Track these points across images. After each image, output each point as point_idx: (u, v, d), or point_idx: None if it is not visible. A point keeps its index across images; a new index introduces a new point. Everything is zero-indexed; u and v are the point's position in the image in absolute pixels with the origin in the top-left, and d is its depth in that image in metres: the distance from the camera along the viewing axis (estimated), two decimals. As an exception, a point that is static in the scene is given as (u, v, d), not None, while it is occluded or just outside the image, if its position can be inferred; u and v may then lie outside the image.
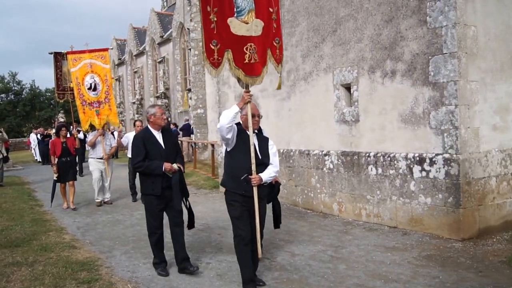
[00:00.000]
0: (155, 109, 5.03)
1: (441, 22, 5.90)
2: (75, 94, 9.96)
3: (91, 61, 9.91)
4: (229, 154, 4.39)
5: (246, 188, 4.27)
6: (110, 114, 9.91)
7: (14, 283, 4.73)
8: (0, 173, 13.22)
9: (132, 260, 5.52)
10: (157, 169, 4.78)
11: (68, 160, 9.16)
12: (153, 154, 4.86)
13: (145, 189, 4.94)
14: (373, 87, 6.93)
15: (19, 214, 8.59)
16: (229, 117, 4.11)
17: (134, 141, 4.96)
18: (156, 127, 5.02)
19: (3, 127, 20.78)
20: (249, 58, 4.34)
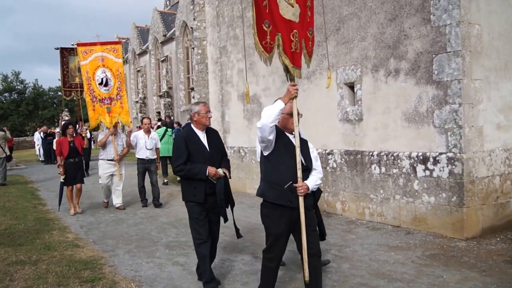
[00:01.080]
0: (199, 107, 4.53)
1: (445, 20, 5.87)
2: (84, 89, 9.23)
3: (103, 54, 9.19)
4: (267, 160, 3.78)
5: (291, 198, 3.65)
6: (122, 112, 9.21)
7: (17, 281, 4.75)
8: (4, 172, 13.26)
9: (135, 259, 5.53)
10: (200, 174, 4.30)
11: (76, 161, 8.46)
12: (196, 156, 4.37)
13: (187, 195, 4.49)
14: (376, 85, 6.91)
15: (23, 213, 8.61)
16: (273, 114, 3.56)
17: (175, 142, 4.59)
18: (200, 127, 4.53)
19: (7, 126, 20.80)
20: (295, 46, 3.80)
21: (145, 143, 9.07)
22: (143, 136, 9.12)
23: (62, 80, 14.13)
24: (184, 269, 5.08)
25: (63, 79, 14.01)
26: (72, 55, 14.29)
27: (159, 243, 6.23)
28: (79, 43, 9.42)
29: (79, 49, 9.32)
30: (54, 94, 53.65)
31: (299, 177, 3.64)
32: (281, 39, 3.70)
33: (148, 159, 9.10)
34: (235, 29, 10.34)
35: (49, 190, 12.16)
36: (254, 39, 3.62)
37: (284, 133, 3.84)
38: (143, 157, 9.08)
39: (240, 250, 5.76)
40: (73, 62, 14.28)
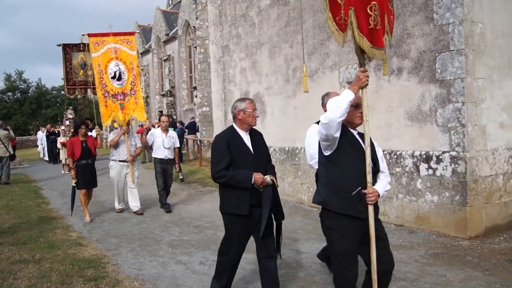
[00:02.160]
0: (245, 104, 3.93)
1: (448, 19, 5.86)
2: (96, 83, 8.52)
3: (116, 46, 8.49)
4: (330, 161, 3.19)
5: (360, 207, 3.10)
6: (136, 109, 8.52)
7: (21, 280, 4.76)
8: (7, 171, 13.30)
9: (138, 257, 5.54)
10: (244, 181, 3.71)
11: (89, 162, 7.77)
12: (239, 161, 3.78)
13: (227, 206, 3.86)
14: (379, 84, 6.90)
15: (26, 212, 8.63)
16: (341, 107, 2.94)
17: (215, 144, 3.93)
18: (244, 127, 3.92)
19: (10, 125, 20.85)
20: (374, 22, 3.11)
21: (163, 142, 8.46)
22: (160, 135, 8.52)
23: (65, 77, 13.78)
24: (187, 268, 5.08)
25: (66, 77, 13.65)
26: (75, 51, 13.94)
27: (162, 242, 6.24)
28: (90, 34, 8.66)
29: (91, 40, 8.56)
30: (57, 93, 53.78)
31: (368, 182, 3.10)
32: (354, 14, 3.04)
33: (167, 159, 8.50)
34: (238, 28, 10.34)
35: (52, 189, 12.20)
36: (326, 14, 3.05)
37: (348, 129, 3.24)
38: (161, 157, 8.48)
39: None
40: (76, 58, 13.95)
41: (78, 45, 14.07)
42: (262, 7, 9.46)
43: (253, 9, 9.76)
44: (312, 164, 4.37)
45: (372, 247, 3.08)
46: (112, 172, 8.18)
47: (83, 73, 13.92)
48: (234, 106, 3.97)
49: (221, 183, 3.84)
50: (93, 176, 7.89)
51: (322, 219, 3.32)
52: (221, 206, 3.94)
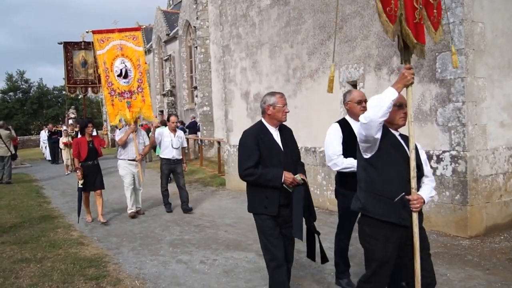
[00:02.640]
0: (275, 98, 3.67)
1: (448, 18, 5.86)
2: (102, 82, 8.28)
3: (121, 43, 8.17)
4: (370, 164, 3.00)
5: (403, 214, 2.92)
6: (143, 107, 8.24)
7: (23, 279, 4.78)
8: (9, 171, 13.34)
9: (139, 256, 5.56)
10: (274, 180, 3.49)
11: (95, 163, 7.54)
12: (268, 158, 3.57)
13: (255, 206, 3.68)
14: (379, 84, 6.91)
15: (28, 211, 8.66)
16: (383, 106, 2.76)
17: (243, 139, 3.68)
18: (274, 123, 3.70)
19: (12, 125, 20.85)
20: (419, 16, 2.94)
21: (171, 142, 8.24)
22: (168, 134, 8.30)
23: (66, 76, 13.55)
24: (188, 267, 5.10)
25: (67, 75, 13.42)
26: (76, 50, 13.61)
27: (163, 241, 6.26)
28: (95, 30, 8.35)
29: (95, 37, 8.25)
30: (58, 93, 53.89)
31: (413, 187, 2.91)
32: (404, 5, 2.87)
33: (175, 159, 8.27)
34: (238, 28, 10.36)
35: (53, 188, 12.23)
36: (377, 4, 2.86)
37: (389, 130, 3.07)
38: (169, 157, 8.25)
39: (244, 248, 5.78)
40: (77, 57, 13.67)
41: (79, 43, 13.82)
42: (262, 7, 9.47)
43: (253, 9, 9.78)
44: (331, 166, 4.16)
45: (416, 258, 2.91)
46: (121, 170, 7.99)
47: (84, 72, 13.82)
48: (264, 100, 3.73)
49: (249, 181, 3.62)
50: (100, 177, 7.61)
51: (361, 226, 3.10)
52: (249, 205, 3.76)
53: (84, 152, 7.34)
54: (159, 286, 4.54)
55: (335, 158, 4.09)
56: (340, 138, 4.16)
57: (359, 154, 3.09)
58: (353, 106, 4.15)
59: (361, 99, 4.13)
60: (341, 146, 4.11)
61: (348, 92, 4.28)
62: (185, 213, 8.07)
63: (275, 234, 3.62)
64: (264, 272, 4.80)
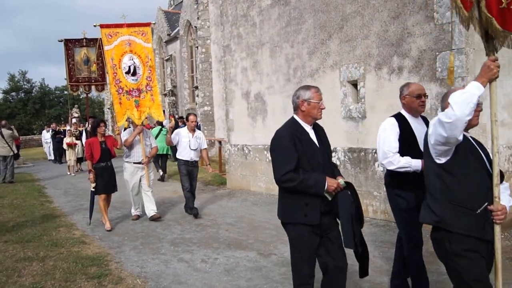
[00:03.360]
0: (310, 93, 3.28)
1: (449, 18, 5.88)
2: (109, 79, 7.86)
3: (130, 38, 7.76)
4: (446, 171, 2.65)
5: (487, 227, 2.62)
6: (152, 106, 7.81)
7: (25, 277, 4.82)
8: (11, 170, 13.40)
9: (141, 255, 5.59)
10: (316, 187, 3.05)
11: (109, 165, 7.20)
12: (307, 161, 3.12)
13: (292, 214, 3.20)
14: (380, 83, 6.93)
15: (30, 210, 8.70)
16: (470, 103, 2.43)
17: (278, 139, 3.22)
18: (308, 120, 3.31)
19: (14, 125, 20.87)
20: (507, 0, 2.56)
21: (189, 143, 7.79)
22: (186, 135, 7.84)
23: (67, 74, 13.22)
24: (189, 266, 5.13)
25: (68, 73, 13.02)
26: (77, 47, 13.29)
27: (164, 240, 6.29)
28: (103, 24, 7.86)
29: (103, 31, 7.79)
30: (60, 93, 54.04)
31: (495, 196, 2.59)
32: None
33: (192, 161, 7.87)
34: (239, 28, 10.38)
35: (55, 187, 12.28)
36: None
37: None
38: (187, 159, 7.83)
39: (245, 247, 5.80)
40: (79, 54, 13.47)
41: (81, 40, 13.49)
42: (263, 7, 9.50)
43: (254, 9, 9.80)
44: (385, 164, 3.73)
45: (499, 277, 2.68)
46: (126, 174, 7.59)
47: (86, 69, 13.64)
48: (297, 95, 3.30)
49: (288, 188, 3.12)
50: (113, 180, 7.27)
51: (440, 243, 2.74)
52: (283, 213, 3.28)
53: (97, 153, 7.00)
54: (160, 285, 4.57)
55: (391, 155, 3.67)
56: (396, 134, 3.73)
57: (429, 159, 2.73)
58: (412, 101, 3.80)
59: (421, 93, 3.78)
60: (397, 143, 3.70)
61: (406, 85, 3.84)
62: (195, 217, 7.71)
63: (311, 249, 3.20)
64: (264, 271, 4.85)
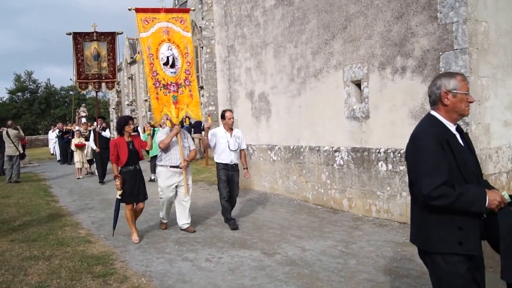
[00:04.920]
0: (455, 82, 2.56)
1: (452, 18, 5.89)
2: (146, 71, 6.89)
3: (168, 25, 6.89)
4: None
5: None
6: (190, 103, 6.94)
7: (31, 276, 4.87)
8: (17, 170, 13.50)
9: (146, 254, 5.64)
10: (478, 203, 2.38)
11: (137, 168, 6.34)
12: (460, 171, 2.45)
13: (442, 242, 2.46)
14: (383, 83, 6.95)
15: (36, 210, 8.78)
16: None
17: (423, 142, 2.47)
18: (453, 118, 2.59)
19: (20, 125, 20.98)
20: None
21: (228, 144, 6.88)
22: (224, 134, 6.94)
23: (76, 70, 12.03)
24: (194, 265, 5.17)
25: (77, 69, 11.94)
26: (87, 41, 12.28)
27: (169, 239, 6.33)
28: (138, 8, 6.89)
29: (138, 16, 6.81)
30: (65, 93, 54.34)
31: None
32: None
33: (232, 164, 6.94)
34: (243, 28, 10.42)
35: (61, 187, 12.37)
36: None
37: None
38: (226, 162, 6.90)
39: (249, 247, 5.84)
40: (88, 49, 12.30)
41: (91, 34, 12.45)
42: (266, 7, 9.52)
43: (258, 10, 9.83)
44: None
45: None
46: (160, 179, 6.72)
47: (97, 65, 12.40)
48: (438, 84, 2.60)
49: (441, 206, 2.40)
50: (142, 186, 6.37)
51: None
52: (428, 241, 2.51)
53: (124, 156, 6.14)
54: (165, 284, 4.61)
55: None
56: None
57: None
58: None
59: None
60: None
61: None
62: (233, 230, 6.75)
63: None
64: (268, 270, 4.88)
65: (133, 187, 6.23)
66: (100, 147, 12.51)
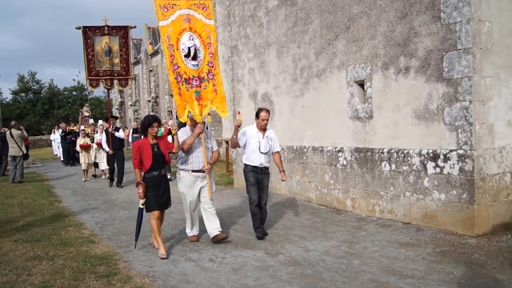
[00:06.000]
0: None
1: (455, 18, 5.87)
2: (167, 64, 6.21)
3: (189, 12, 6.19)
4: None
5: None
6: (215, 99, 6.26)
7: (35, 276, 4.88)
8: (21, 170, 13.55)
9: (149, 254, 5.64)
10: None
11: (163, 173, 5.72)
12: None
13: None
14: (386, 83, 6.93)
15: (39, 210, 8.81)
16: None
17: None
18: None
19: (23, 125, 21.02)
20: None
21: (259, 144, 6.32)
22: (256, 134, 6.37)
23: (86, 66, 11.29)
24: (197, 265, 5.16)
25: (87, 66, 11.21)
26: (98, 35, 11.53)
27: (172, 239, 6.34)
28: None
29: (157, 2, 6.12)
30: (69, 93, 54.52)
31: None
32: None
33: (262, 168, 6.36)
34: (246, 29, 10.42)
35: (64, 187, 12.40)
36: None
37: None
38: (255, 164, 6.33)
39: (252, 247, 5.84)
40: (99, 44, 11.59)
41: (102, 28, 11.71)
42: (270, 8, 9.52)
43: (261, 10, 9.83)
44: None
45: None
46: (182, 185, 6.14)
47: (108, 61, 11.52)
48: None
49: None
50: (167, 192, 5.79)
51: None
52: None
53: (148, 160, 5.51)
54: (168, 284, 4.61)
55: None
56: None
57: None
58: None
59: None
60: None
61: None
62: (258, 239, 6.22)
63: None
64: (272, 270, 4.88)
65: (159, 194, 5.62)
66: (113, 148, 11.93)
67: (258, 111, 6.47)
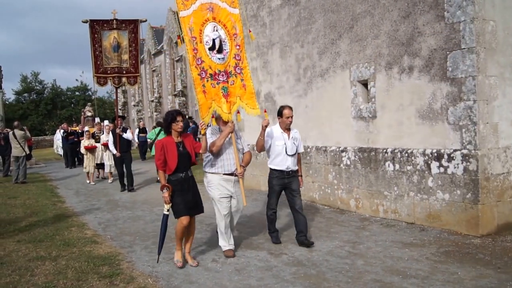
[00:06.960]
0: None
1: (459, 17, 5.84)
2: (189, 58, 5.47)
3: (212, 1, 5.57)
4: None
5: None
6: (244, 95, 5.64)
7: (38, 277, 4.88)
8: (24, 170, 13.57)
9: (152, 255, 5.63)
10: None
11: (190, 175, 5.17)
12: None
13: None
14: (390, 83, 6.91)
15: (42, 210, 8.81)
16: None
17: None
18: None
19: (26, 126, 21.07)
20: None
21: (285, 147, 5.78)
22: (281, 135, 5.85)
23: (93, 63, 10.63)
24: (200, 265, 5.14)
25: (95, 63, 10.56)
26: (106, 30, 10.76)
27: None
28: None
29: None
30: (71, 94, 54.66)
31: None
32: None
33: (289, 171, 5.81)
34: (249, 28, 10.40)
35: (67, 188, 12.41)
36: None
37: None
38: (282, 168, 5.80)
39: (255, 247, 5.82)
40: (107, 39, 10.85)
41: (110, 22, 10.93)
42: (273, 7, 9.51)
43: (264, 9, 9.82)
44: None
45: None
46: (213, 190, 5.47)
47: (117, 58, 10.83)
48: None
49: None
50: (197, 195, 5.21)
51: None
52: None
53: (173, 161, 4.98)
54: (171, 284, 4.60)
55: None
56: None
57: None
58: None
59: None
60: None
61: None
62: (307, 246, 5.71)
63: None
64: (275, 270, 4.86)
65: (187, 198, 5.08)
66: (120, 150, 11.13)
67: (280, 109, 5.89)
